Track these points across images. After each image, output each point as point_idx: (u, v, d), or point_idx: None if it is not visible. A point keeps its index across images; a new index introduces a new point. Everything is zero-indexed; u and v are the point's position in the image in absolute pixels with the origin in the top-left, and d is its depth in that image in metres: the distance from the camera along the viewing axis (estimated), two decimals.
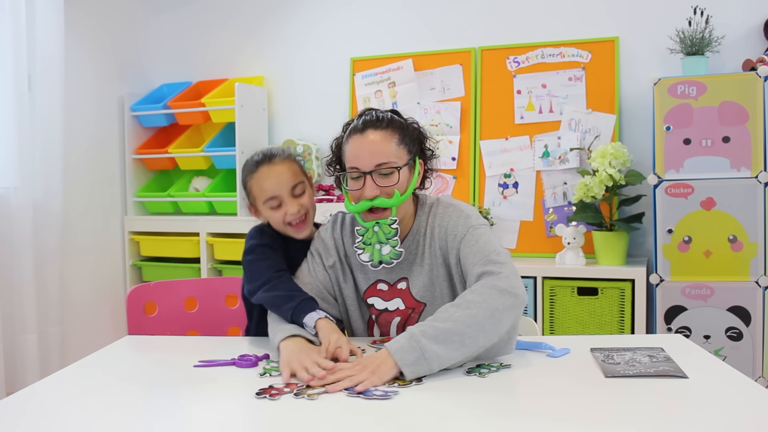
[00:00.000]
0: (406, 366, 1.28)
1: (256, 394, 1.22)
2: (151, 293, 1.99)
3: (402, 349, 1.30)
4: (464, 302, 1.36)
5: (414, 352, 1.29)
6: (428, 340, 1.30)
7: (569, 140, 3.10)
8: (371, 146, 1.51)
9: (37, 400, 1.26)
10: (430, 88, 3.37)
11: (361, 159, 1.51)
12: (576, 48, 3.14)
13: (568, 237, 2.85)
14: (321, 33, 3.62)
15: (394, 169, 1.51)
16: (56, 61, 3.10)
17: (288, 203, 1.64)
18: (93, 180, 3.51)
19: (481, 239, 1.50)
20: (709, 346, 2.61)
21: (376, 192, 1.51)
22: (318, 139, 3.60)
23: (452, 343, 1.31)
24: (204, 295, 2.07)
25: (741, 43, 2.90)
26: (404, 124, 1.57)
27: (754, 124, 2.57)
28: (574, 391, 1.24)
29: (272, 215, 1.65)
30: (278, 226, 1.67)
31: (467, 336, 1.32)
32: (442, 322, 1.33)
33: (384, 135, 1.52)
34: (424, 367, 1.29)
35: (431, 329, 1.32)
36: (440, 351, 1.29)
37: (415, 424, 1.09)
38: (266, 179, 1.64)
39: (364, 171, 1.51)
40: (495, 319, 1.34)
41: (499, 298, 1.36)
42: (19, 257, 2.95)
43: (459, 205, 1.61)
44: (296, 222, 1.65)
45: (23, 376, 2.92)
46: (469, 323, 1.32)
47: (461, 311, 1.34)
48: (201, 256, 3.50)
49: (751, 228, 2.58)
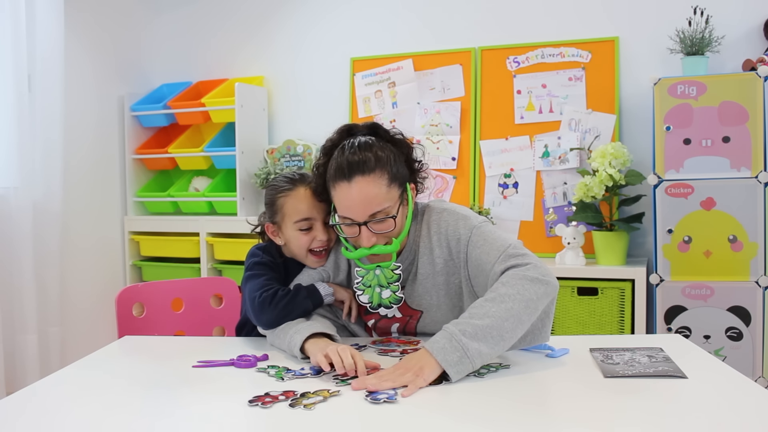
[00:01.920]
0: (450, 366, 1.27)
1: (248, 401, 1.19)
2: (138, 295, 1.97)
3: (443, 349, 1.29)
4: (498, 296, 1.35)
5: (456, 352, 1.28)
6: (468, 338, 1.29)
7: (569, 140, 3.10)
8: (361, 196, 1.44)
9: (37, 400, 1.26)
10: (430, 88, 3.37)
11: (353, 210, 1.46)
12: (576, 48, 3.14)
13: (568, 237, 2.85)
14: (321, 33, 3.62)
15: (389, 216, 1.46)
16: (56, 61, 3.10)
17: (319, 229, 1.60)
18: (93, 180, 3.51)
19: (489, 236, 1.49)
20: (709, 346, 2.60)
21: (373, 240, 1.47)
22: (318, 139, 3.59)
23: (492, 339, 1.31)
24: (190, 295, 2.06)
25: (741, 43, 2.90)
26: (389, 156, 1.48)
27: (754, 124, 2.57)
28: (574, 391, 1.24)
29: (299, 237, 1.61)
30: (298, 251, 1.63)
31: (505, 330, 1.32)
32: (480, 319, 1.32)
33: (373, 180, 1.44)
34: (467, 366, 1.29)
35: (470, 327, 1.31)
36: (481, 348, 1.30)
37: (415, 426, 1.09)
38: (306, 199, 1.60)
39: (358, 222, 1.46)
40: (530, 309, 1.36)
41: (532, 287, 1.36)
42: (19, 257, 2.95)
43: (453, 209, 1.58)
44: (319, 250, 1.63)
45: (23, 376, 2.92)
46: (506, 317, 1.33)
47: (497, 306, 1.34)
48: (201, 256, 3.50)
49: (751, 228, 2.58)
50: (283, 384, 1.30)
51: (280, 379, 1.33)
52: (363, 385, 1.25)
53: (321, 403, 1.17)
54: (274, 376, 1.35)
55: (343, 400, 1.20)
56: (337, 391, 1.23)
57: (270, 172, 3.39)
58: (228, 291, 2.13)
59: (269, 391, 1.25)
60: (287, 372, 1.37)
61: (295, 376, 1.34)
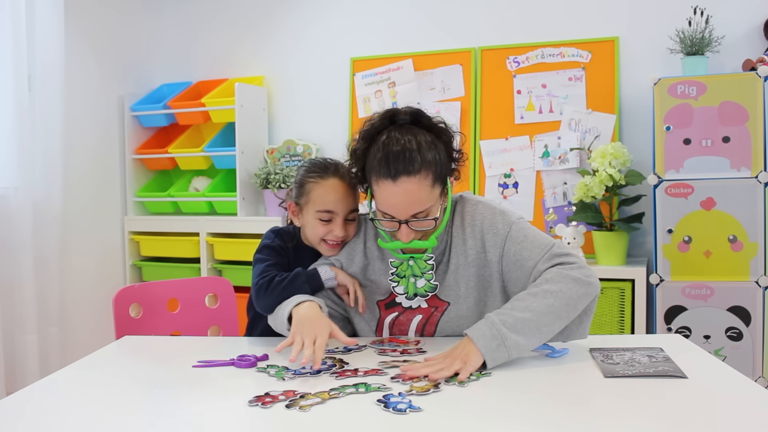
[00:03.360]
0: (489, 353, 1.33)
1: (248, 402, 1.19)
2: (135, 295, 1.97)
3: (484, 336, 1.34)
4: (541, 291, 1.40)
5: (495, 340, 1.34)
6: (508, 329, 1.34)
7: (569, 140, 3.10)
8: (406, 197, 1.43)
9: (37, 400, 1.26)
10: (430, 88, 3.37)
11: (395, 209, 1.45)
12: (576, 48, 3.14)
13: (568, 237, 2.85)
14: (321, 33, 3.62)
15: (430, 218, 1.47)
16: (56, 61, 3.09)
17: (338, 224, 1.61)
18: (93, 180, 3.51)
19: (530, 234, 1.52)
20: (709, 346, 2.60)
21: (412, 237, 1.48)
22: (318, 139, 3.59)
23: (530, 332, 1.36)
24: (185, 295, 2.06)
25: (741, 43, 2.90)
26: (435, 156, 1.46)
27: (754, 124, 2.57)
28: (573, 391, 1.24)
29: (316, 226, 1.62)
30: (313, 238, 1.64)
31: (544, 324, 1.37)
32: (521, 312, 1.37)
33: (418, 182, 1.42)
34: (503, 355, 1.34)
35: (511, 318, 1.36)
36: (520, 340, 1.35)
37: (412, 426, 1.09)
38: (333, 192, 1.60)
39: (399, 220, 1.46)
40: (570, 307, 1.40)
41: (575, 287, 1.40)
42: (19, 257, 2.95)
43: (488, 202, 1.60)
44: (332, 243, 1.63)
45: (23, 376, 2.92)
46: (546, 312, 1.37)
47: (539, 301, 1.38)
48: (201, 256, 3.50)
49: (751, 228, 2.58)
50: (283, 384, 1.30)
51: (280, 379, 1.32)
52: (418, 373, 1.29)
53: (319, 405, 1.17)
54: (274, 376, 1.35)
55: (343, 402, 1.19)
56: (337, 394, 1.22)
57: (270, 172, 3.39)
58: (223, 291, 2.13)
59: (269, 391, 1.25)
60: (287, 371, 1.36)
61: (296, 375, 1.34)
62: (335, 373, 1.34)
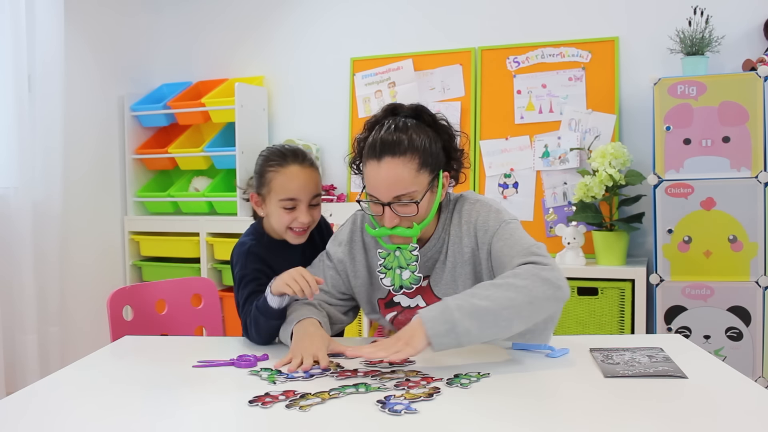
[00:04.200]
0: (436, 336, 1.29)
1: (249, 402, 1.19)
2: (127, 297, 1.97)
3: (434, 319, 1.30)
4: (505, 284, 1.35)
5: (446, 324, 1.29)
6: (462, 314, 1.29)
7: (569, 140, 3.10)
8: (388, 178, 1.44)
9: (37, 400, 1.26)
10: (430, 88, 3.37)
11: (378, 190, 1.46)
12: (576, 48, 3.14)
13: (568, 237, 2.85)
14: (321, 33, 3.62)
15: (413, 201, 1.46)
16: (56, 61, 3.09)
17: (302, 211, 1.62)
18: (93, 180, 3.51)
19: (516, 233, 1.50)
20: (709, 346, 2.60)
21: (395, 222, 1.48)
22: (318, 139, 3.60)
23: (486, 322, 1.31)
24: (171, 296, 2.07)
25: (741, 43, 2.90)
26: (424, 141, 1.47)
27: (754, 124, 2.57)
28: (574, 391, 1.24)
29: (280, 215, 1.62)
30: (279, 227, 1.65)
31: (502, 318, 1.31)
32: (480, 299, 1.32)
33: (402, 163, 1.44)
34: (452, 341, 1.29)
35: (467, 304, 1.31)
36: (472, 328, 1.29)
37: (411, 427, 1.09)
38: (294, 179, 1.61)
39: (381, 202, 1.47)
40: (533, 306, 1.34)
41: (542, 287, 1.35)
42: (19, 257, 2.95)
43: (486, 201, 1.58)
44: (299, 230, 1.64)
45: (23, 376, 2.92)
46: (507, 305, 1.32)
47: (501, 292, 1.33)
48: (201, 256, 3.50)
49: (751, 228, 2.58)
50: (283, 384, 1.30)
51: (272, 383, 1.31)
52: (359, 353, 1.32)
53: (318, 405, 1.17)
54: (266, 379, 1.33)
55: (342, 403, 1.19)
56: (337, 394, 1.22)
57: None
58: (207, 291, 2.14)
59: (269, 391, 1.24)
60: (279, 375, 1.35)
61: (288, 379, 1.32)
62: (335, 373, 1.34)
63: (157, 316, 2.03)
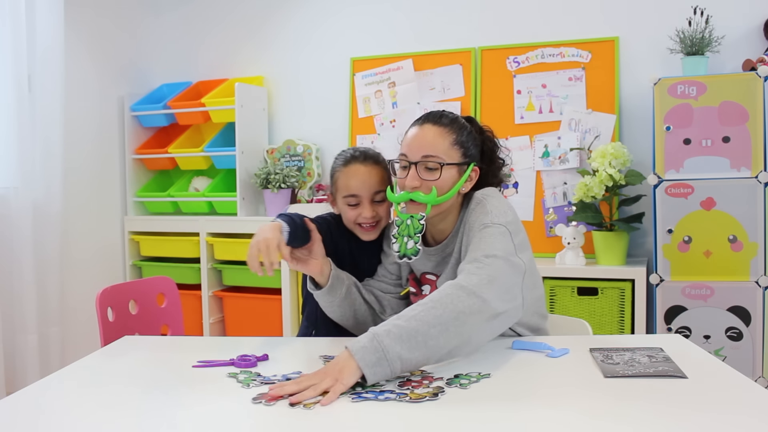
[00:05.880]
0: (368, 367, 1.23)
1: (252, 399, 1.19)
2: (108, 299, 1.98)
3: (364, 349, 1.24)
4: (430, 301, 1.32)
5: (376, 353, 1.24)
6: (391, 340, 1.25)
7: (569, 140, 3.10)
8: (423, 137, 1.55)
9: (37, 400, 1.26)
10: (430, 88, 3.37)
11: (410, 147, 1.56)
12: (576, 48, 3.14)
13: (568, 237, 2.85)
14: (321, 33, 3.62)
15: (438, 165, 1.53)
16: (56, 61, 3.10)
17: (365, 206, 1.69)
18: (93, 180, 3.51)
19: (486, 238, 1.46)
20: (709, 346, 2.60)
21: (416, 183, 1.54)
22: (318, 139, 3.60)
23: (415, 343, 1.26)
24: (140, 296, 2.09)
25: (741, 43, 2.90)
26: (464, 128, 1.59)
27: (754, 124, 2.57)
28: (574, 391, 1.24)
29: (347, 211, 1.71)
30: (348, 223, 1.73)
31: (430, 337, 1.27)
32: (406, 321, 1.28)
33: (440, 131, 1.56)
34: (385, 369, 1.24)
35: (395, 328, 1.27)
36: (402, 352, 1.25)
37: (413, 426, 1.09)
38: (354, 177, 1.69)
39: (410, 161, 1.55)
40: (459, 321, 1.30)
41: (466, 300, 1.32)
42: (19, 257, 2.95)
43: (488, 202, 1.57)
44: (366, 225, 1.70)
45: (23, 376, 2.92)
46: (434, 323, 1.28)
47: (426, 311, 1.30)
48: (201, 256, 3.50)
49: (751, 228, 2.58)
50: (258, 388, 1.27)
51: (246, 386, 1.28)
52: (282, 391, 1.20)
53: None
54: (242, 382, 1.31)
55: (344, 401, 1.20)
56: None
57: (270, 172, 3.40)
58: (168, 290, 2.16)
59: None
60: (257, 377, 1.33)
61: (264, 383, 1.29)
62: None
63: (130, 316, 2.05)
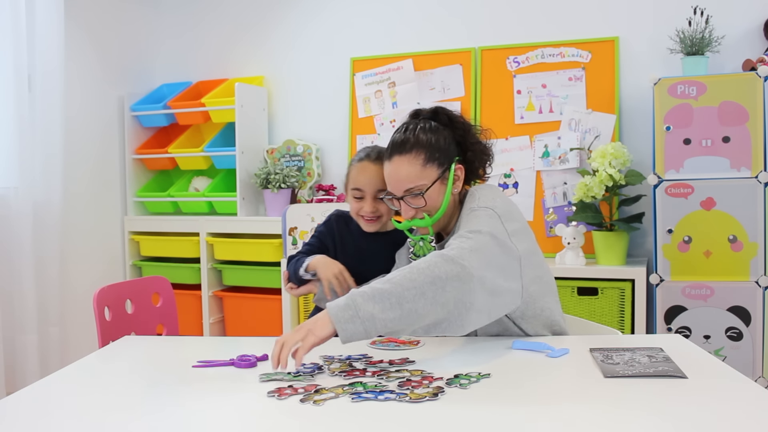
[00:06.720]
0: (339, 323, 1.30)
1: (268, 392, 1.22)
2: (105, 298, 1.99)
3: (338, 306, 1.32)
4: (408, 267, 1.38)
5: (349, 310, 1.31)
6: (364, 299, 1.31)
7: (569, 140, 3.10)
8: (397, 173, 1.60)
9: (37, 400, 1.26)
10: (430, 88, 3.37)
11: (391, 185, 1.63)
12: (576, 48, 3.14)
13: (568, 237, 2.85)
14: (321, 33, 3.62)
15: (420, 193, 1.58)
16: (56, 61, 3.10)
17: (368, 201, 1.79)
18: (93, 180, 3.51)
19: (472, 219, 1.52)
20: (709, 346, 2.60)
21: (411, 214, 1.62)
22: (318, 139, 3.60)
23: (389, 304, 1.31)
24: (136, 296, 2.10)
25: (741, 43, 2.90)
26: (430, 138, 1.61)
27: (754, 124, 2.57)
28: (574, 391, 1.24)
29: (352, 202, 1.84)
30: (352, 213, 1.86)
31: (405, 299, 1.32)
32: (382, 284, 1.35)
33: (408, 159, 1.59)
34: (358, 327, 1.30)
35: (369, 289, 1.34)
36: (375, 311, 1.30)
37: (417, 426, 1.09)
38: (362, 173, 1.80)
39: (396, 197, 1.62)
40: (436, 286, 1.34)
41: (444, 266, 1.36)
42: (19, 257, 2.95)
43: (478, 192, 1.64)
44: (368, 218, 1.81)
45: (23, 376, 2.92)
46: (408, 286, 1.33)
47: (402, 275, 1.36)
48: (201, 256, 3.50)
49: (751, 228, 2.58)
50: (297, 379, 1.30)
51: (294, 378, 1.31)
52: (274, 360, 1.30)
53: (332, 400, 1.18)
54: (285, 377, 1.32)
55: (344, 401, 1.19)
56: (351, 389, 1.23)
57: (270, 172, 3.40)
58: (163, 290, 2.18)
59: (292, 383, 1.27)
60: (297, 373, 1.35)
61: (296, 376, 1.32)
62: (344, 373, 1.34)
63: (126, 316, 2.05)
